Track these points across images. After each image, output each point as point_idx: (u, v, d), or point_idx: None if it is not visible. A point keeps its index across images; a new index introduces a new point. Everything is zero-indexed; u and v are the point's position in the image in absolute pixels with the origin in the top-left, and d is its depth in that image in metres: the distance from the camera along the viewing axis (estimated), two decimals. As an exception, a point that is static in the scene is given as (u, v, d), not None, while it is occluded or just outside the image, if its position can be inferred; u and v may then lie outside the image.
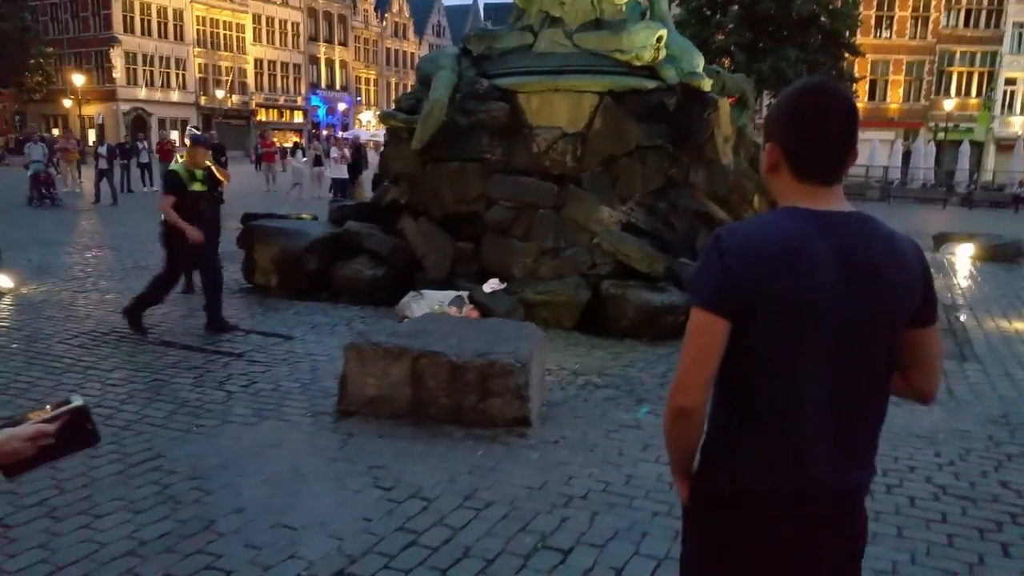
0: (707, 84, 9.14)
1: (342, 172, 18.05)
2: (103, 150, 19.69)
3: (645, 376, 5.90)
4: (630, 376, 5.89)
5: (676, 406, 1.55)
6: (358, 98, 65.07)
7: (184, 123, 52.16)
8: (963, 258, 12.94)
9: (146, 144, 21.89)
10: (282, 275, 8.47)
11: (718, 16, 30.30)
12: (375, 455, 4.14)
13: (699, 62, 9.42)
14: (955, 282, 10.78)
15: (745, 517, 1.54)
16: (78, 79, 39.99)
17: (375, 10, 66.76)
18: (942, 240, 14.11)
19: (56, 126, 49.30)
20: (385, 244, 8.50)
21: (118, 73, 48.53)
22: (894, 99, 43.28)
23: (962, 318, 8.45)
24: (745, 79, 11.17)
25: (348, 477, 3.87)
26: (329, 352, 6.17)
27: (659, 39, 8.89)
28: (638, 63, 8.90)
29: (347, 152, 18.33)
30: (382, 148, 11.10)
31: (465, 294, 7.45)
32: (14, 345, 6.29)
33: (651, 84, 8.84)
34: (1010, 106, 41.15)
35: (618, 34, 8.94)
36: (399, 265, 8.34)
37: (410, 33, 71.67)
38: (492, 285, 7.64)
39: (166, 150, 21.71)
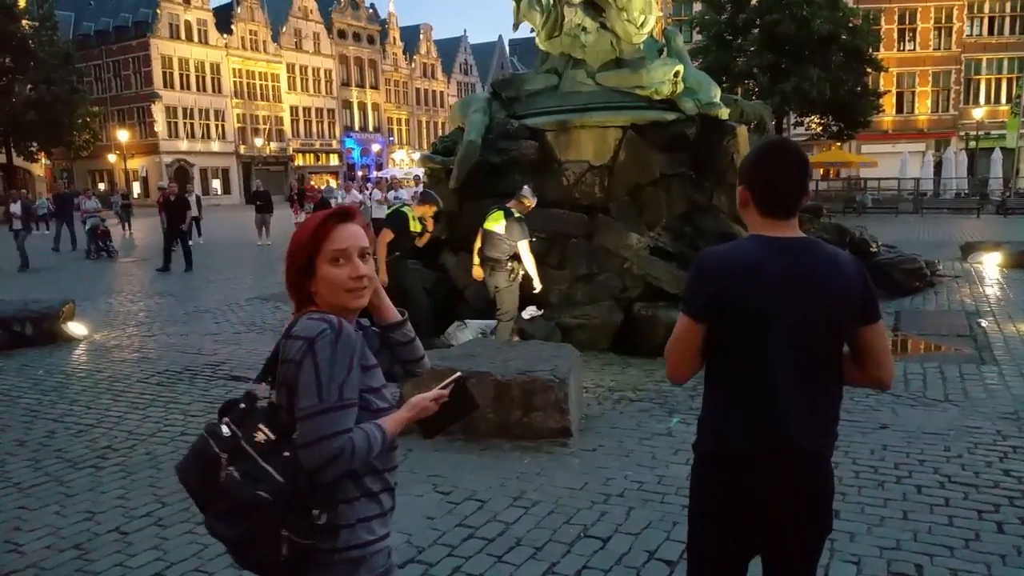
0: (725, 113, 9.63)
1: (383, 213, 18.69)
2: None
3: (676, 390, 6.33)
4: (662, 390, 6.33)
5: (670, 381, 2.13)
6: (391, 138, 66.69)
7: (225, 172, 54.07)
8: (990, 266, 13.14)
9: (195, 196, 22.56)
10: (333, 311, 9.06)
11: (739, 40, 30.73)
12: (433, 466, 4.64)
13: (716, 93, 9.92)
14: (980, 290, 11.02)
15: (732, 472, 2.02)
16: (122, 135, 41.83)
17: (404, 53, 68.58)
18: (969, 250, 14.32)
19: (102, 181, 51.50)
20: (428, 278, 9.07)
21: (160, 127, 50.58)
22: (922, 110, 43.27)
23: (984, 324, 8.72)
24: (762, 105, 11.64)
25: (410, 484, 4.38)
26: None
27: (676, 74, 9.43)
28: (658, 97, 9.45)
29: (387, 195, 18.96)
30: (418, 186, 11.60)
31: (506, 321, 7.95)
32: (100, 385, 6.95)
33: (671, 116, 9.36)
34: (1041, 111, 40.85)
35: (637, 71, 9.51)
36: (442, 297, 8.89)
37: (439, 73, 73.39)
38: (530, 312, 8.15)
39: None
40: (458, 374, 1.93)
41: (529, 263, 7.35)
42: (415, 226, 7.80)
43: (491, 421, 5.03)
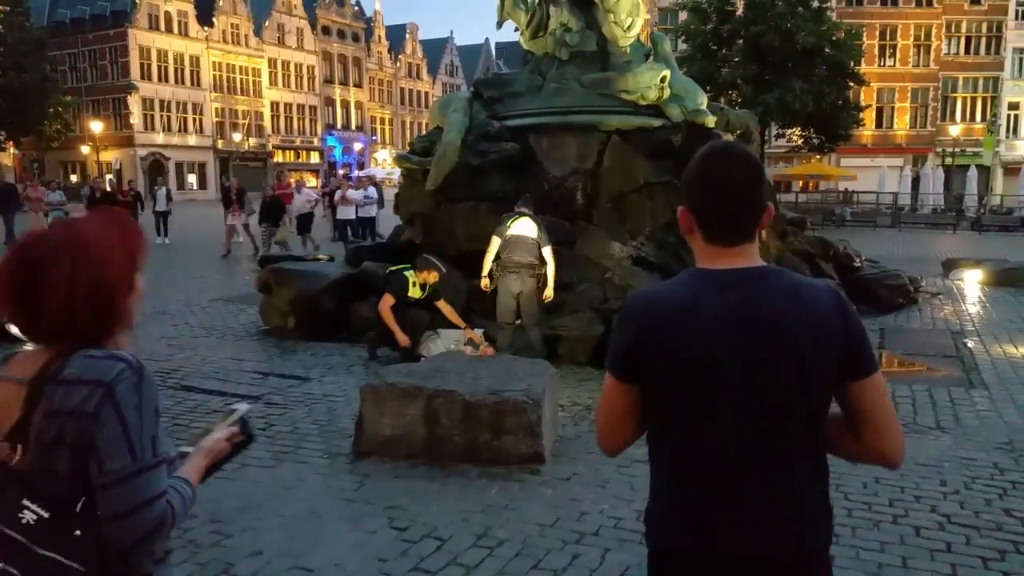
0: (711, 120, 9.34)
1: (349, 213, 17.65)
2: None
3: (656, 410, 6.00)
4: (641, 411, 5.99)
5: (602, 450, 1.73)
6: (374, 137, 66.07)
7: (201, 166, 53.13)
8: (971, 284, 12.98)
9: (165, 190, 20.32)
10: (300, 316, 8.64)
11: (723, 50, 30.60)
12: (391, 495, 4.25)
13: (702, 100, 9.63)
14: (963, 308, 10.82)
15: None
16: (96, 126, 40.83)
17: (389, 52, 68.03)
18: (951, 266, 14.18)
19: (74, 172, 50.41)
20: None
21: (135, 119, 49.54)
22: (901, 126, 43.56)
23: (970, 344, 8.48)
24: (748, 114, 11.38)
25: (364, 518, 3.99)
26: (346, 393, 6.32)
27: (663, 79, 9.12)
28: (644, 102, 9.13)
29: (349, 193, 17.62)
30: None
31: (480, 332, 7.59)
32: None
33: (657, 122, 9.07)
34: (1015, 130, 41.44)
35: (624, 75, 9.20)
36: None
37: (424, 73, 72.91)
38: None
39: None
40: (244, 409, 1.77)
41: (552, 267, 7.28)
42: (415, 292, 7.39)
43: (458, 444, 4.65)
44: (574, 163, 8.90)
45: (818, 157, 36.47)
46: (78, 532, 1.32)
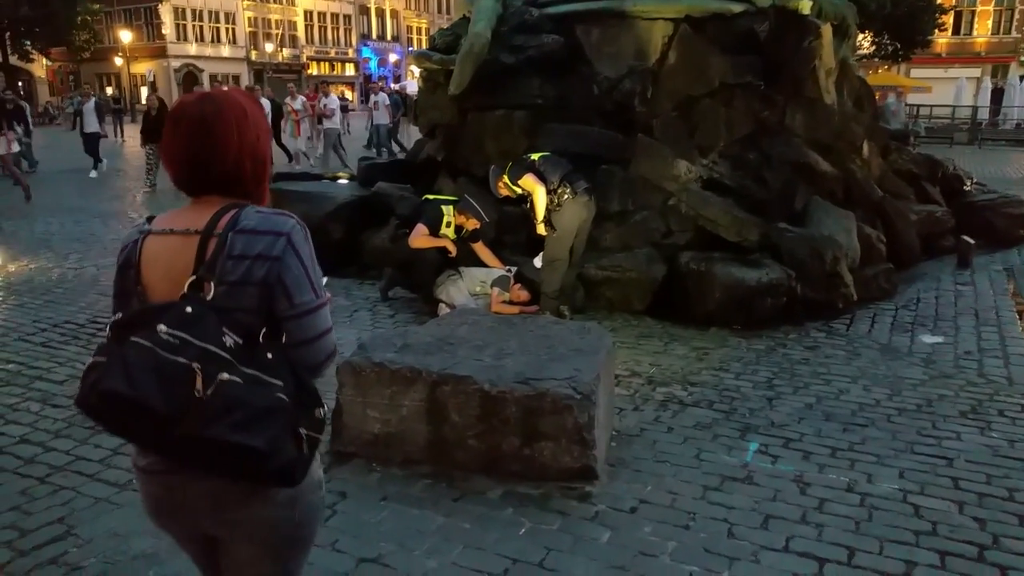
0: (806, 6, 7.49)
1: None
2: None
3: (744, 385, 4.52)
4: (725, 385, 4.51)
5: None
6: (410, 48, 63.44)
7: (236, 79, 51.44)
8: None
9: (95, 103, 15.92)
10: (301, 247, 7.26)
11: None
12: (373, 534, 2.86)
13: (795, -21, 7.75)
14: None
15: None
16: (125, 36, 39.49)
17: (425, -45, 64.67)
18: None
19: (109, 84, 49.35)
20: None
21: (167, 29, 48.00)
22: (981, 31, 39.86)
23: None
24: (846, 2, 9.37)
25: (330, 579, 2.62)
26: (343, 352, 4.94)
27: (747, -49, 7.25)
28: (721, -18, 7.31)
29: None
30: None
31: (512, 271, 6.13)
32: (-33, 343, 5.23)
33: (737, 7, 7.32)
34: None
35: (696, -54, 7.34)
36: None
37: (463, -22, 69.45)
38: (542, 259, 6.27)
39: None
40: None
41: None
42: (447, 232, 6.09)
43: (473, 450, 3.24)
44: (631, 60, 7.21)
45: (886, 67, 33.45)
46: (270, 355, 1.45)
